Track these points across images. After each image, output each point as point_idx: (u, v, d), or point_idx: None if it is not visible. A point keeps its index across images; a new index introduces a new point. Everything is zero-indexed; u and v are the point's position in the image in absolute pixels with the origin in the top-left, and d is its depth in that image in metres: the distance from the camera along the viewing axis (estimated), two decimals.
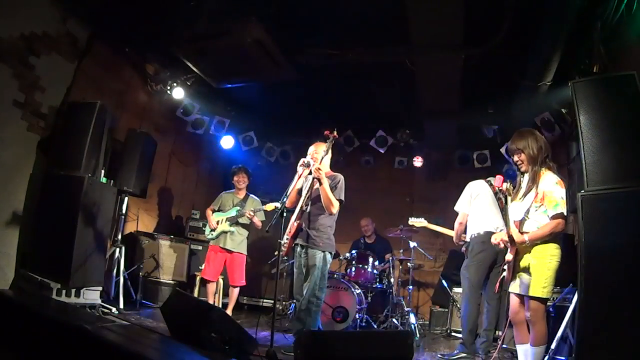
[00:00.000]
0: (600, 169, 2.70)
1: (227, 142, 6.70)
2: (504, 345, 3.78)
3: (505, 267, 2.79)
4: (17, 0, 3.88)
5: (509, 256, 2.75)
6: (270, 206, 4.88)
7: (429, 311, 5.92)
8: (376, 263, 5.54)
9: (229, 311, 4.80)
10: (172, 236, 5.83)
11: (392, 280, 5.44)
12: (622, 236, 2.53)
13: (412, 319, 5.18)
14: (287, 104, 6.53)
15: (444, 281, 5.64)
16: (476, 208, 4.02)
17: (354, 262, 5.46)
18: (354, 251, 5.58)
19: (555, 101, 4.86)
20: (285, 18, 4.39)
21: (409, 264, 5.64)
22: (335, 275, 5.18)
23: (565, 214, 2.63)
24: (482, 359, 3.70)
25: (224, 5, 4.22)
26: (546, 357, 2.77)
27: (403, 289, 5.83)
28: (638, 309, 2.41)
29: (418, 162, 6.87)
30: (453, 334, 5.19)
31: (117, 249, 4.77)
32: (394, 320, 5.19)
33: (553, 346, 3.20)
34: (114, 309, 4.31)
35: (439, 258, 6.68)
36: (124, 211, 5.00)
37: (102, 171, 4.41)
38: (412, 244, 5.55)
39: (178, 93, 5.64)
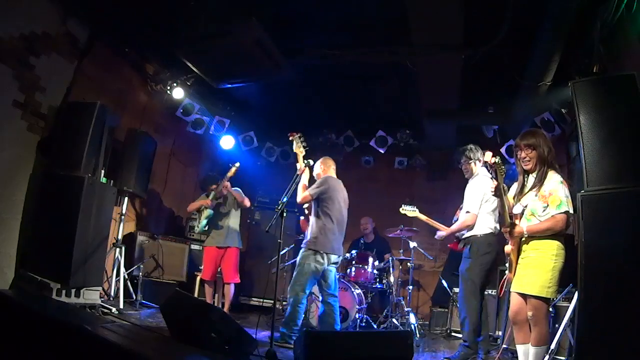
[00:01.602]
0: (600, 169, 2.70)
1: (227, 142, 6.70)
2: (504, 346, 3.77)
3: (507, 264, 2.78)
4: (17, 0, 3.88)
5: (507, 247, 2.73)
6: (232, 171, 4.99)
7: (429, 311, 5.92)
8: (376, 263, 5.53)
9: (225, 310, 4.80)
10: (172, 236, 5.83)
11: (391, 280, 5.44)
12: (622, 236, 2.53)
13: (412, 319, 5.19)
14: (287, 104, 6.53)
15: (443, 281, 5.64)
16: (483, 209, 3.91)
17: (353, 262, 5.46)
18: (353, 251, 5.57)
19: (555, 101, 4.86)
20: (285, 18, 4.39)
21: (408, 264, 5.65)
22: None
23: (570, 211, 2.62)
24: (482, 359, 3.69)
25: (224, 5, 4.22)
26: (546, 358, 2.76)
27: (403, 289, 5.83)
28: (638, 309, 2.41)
29: (418, 162, 6.88)
30: (453, 334, 5.19)
31: (117, 249, 4.77)
32: (394, 320, 5.19)
33: (553, 346, 3.19)
34: (114, 309, 4.31)
35: (439, 258, 6.67)
36: (124, 211, 5.01)
37: (102, 171, 4.40)
38: (412, 244, 5.55)
39: (178, 93, 5.63)
